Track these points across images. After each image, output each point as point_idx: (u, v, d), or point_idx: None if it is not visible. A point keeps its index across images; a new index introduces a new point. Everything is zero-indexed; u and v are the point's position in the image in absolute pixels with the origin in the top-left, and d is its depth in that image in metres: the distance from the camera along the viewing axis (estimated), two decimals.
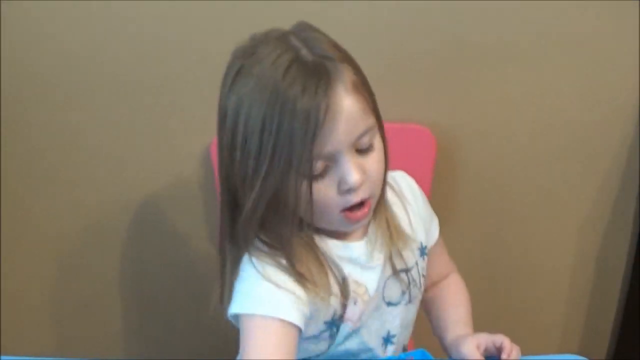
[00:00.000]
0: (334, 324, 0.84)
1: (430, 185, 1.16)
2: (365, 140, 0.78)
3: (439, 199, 1.07)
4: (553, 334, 1.43)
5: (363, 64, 0.90)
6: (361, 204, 0.80)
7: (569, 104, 1.23)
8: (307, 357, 0.87)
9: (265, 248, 0.81)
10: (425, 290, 0.98)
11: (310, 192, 0.76)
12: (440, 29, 1.16)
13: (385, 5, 1.14)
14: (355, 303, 0.84)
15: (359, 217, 0.80)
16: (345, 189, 0.77)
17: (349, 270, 0.84)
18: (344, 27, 0.91)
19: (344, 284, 0.83)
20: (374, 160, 0.79)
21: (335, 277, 0.82)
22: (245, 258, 0.81)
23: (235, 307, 0.80)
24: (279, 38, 0.78)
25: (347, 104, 0.75)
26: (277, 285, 0.78)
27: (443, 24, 1.15)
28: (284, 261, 0.80)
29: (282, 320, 0.77)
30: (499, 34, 1.17)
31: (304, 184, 0.76)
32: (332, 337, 0.85)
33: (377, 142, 0.80)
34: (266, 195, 0.77)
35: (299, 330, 0.79)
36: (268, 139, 0.74)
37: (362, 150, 0.78)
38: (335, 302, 0.83)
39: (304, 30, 0.80)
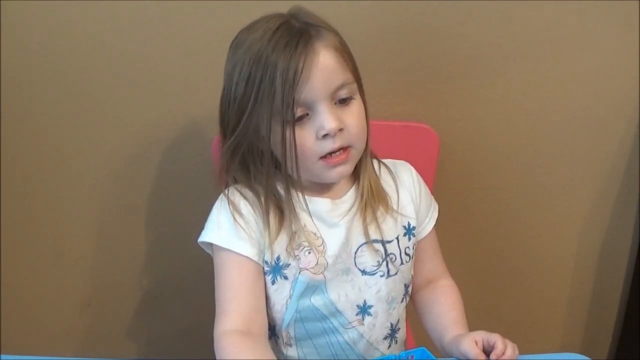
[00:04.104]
0: (279, 269, 0.90)
1: (432, 183, 1.16)
2: (343, 93, 0.86)
3: (442, 196, 1.07)
4: (555, 333, 1.43)
5: (366, 64, 0.92)
6: (340, 151, 0.87)
7: (569, 102, 1.23)
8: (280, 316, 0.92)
9: (239, 187, 0.92)
10: (420, 290, 1.02)
11: (294, 136, 0.84)
12: (443, 29, 1.16)
13: (388, 5, 1.14)
14: (309, 252, 0.90)
15: (337, 160, 0.87)
16: (322, 135, 0.85)
17: (307, 222, 0.91)
18: (346, 27, 0.92)
19: (294, 232, 0.90)
20: (353, 113, 0.87)
21: (289, 225, 0.90)
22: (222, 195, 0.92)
23: (201, 236, 0.91)
24: (276, 15, 0.88)
25: (324, 58, 0.84)
26: (235, 218, 0.89)
27: (445, 24, 1.16)
28: (249, 199, 0.90)
29: (237, 253, 0.88)
30: (501, 34, 1.18)
31: (288, 129, 0.84)
32: (274, 282, 0.90)
33: (357, 99, 0.88)
34: (246, 136, 0.87)
35: (255, 263, 0.89)
36: (252, 87, 0.84)
37: (341, 102, 0.86)
38: (279, 246, 0.90)
39: (301, 10, 0.89)
